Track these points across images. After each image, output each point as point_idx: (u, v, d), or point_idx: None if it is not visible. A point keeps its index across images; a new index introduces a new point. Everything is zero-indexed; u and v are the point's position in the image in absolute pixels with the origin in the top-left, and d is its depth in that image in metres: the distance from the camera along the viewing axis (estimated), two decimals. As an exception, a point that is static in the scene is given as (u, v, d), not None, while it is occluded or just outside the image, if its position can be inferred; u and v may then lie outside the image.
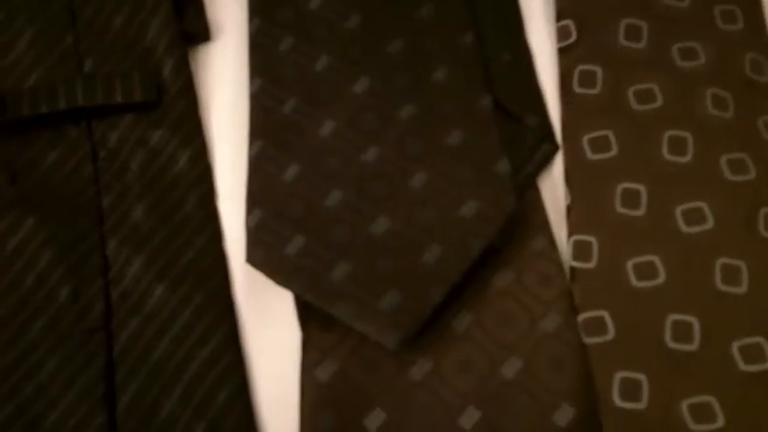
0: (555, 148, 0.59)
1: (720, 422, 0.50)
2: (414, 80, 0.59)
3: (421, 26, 0.61)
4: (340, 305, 0.52)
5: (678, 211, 0.55)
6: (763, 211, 0.55)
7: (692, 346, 0.52)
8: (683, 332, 0.52)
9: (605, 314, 0.53)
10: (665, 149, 0.57)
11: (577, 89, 0.60)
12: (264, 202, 0.56)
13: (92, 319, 0.55)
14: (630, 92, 0.59)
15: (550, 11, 0.65)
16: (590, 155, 0.57)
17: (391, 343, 0.51)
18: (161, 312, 0.55)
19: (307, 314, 0.55)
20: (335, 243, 0.54)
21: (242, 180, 0.60)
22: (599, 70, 0.60)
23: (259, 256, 0.54)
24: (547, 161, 0.59)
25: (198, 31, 0.65)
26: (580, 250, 0.55)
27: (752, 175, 0.56)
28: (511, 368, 0.52)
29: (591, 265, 0.54)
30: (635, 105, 0.58)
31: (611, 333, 0.52)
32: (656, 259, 0.54)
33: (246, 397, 0.54)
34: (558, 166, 0.60)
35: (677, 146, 0.57)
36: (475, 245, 0.53)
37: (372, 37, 0.61)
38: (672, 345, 0.52)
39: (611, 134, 0.58)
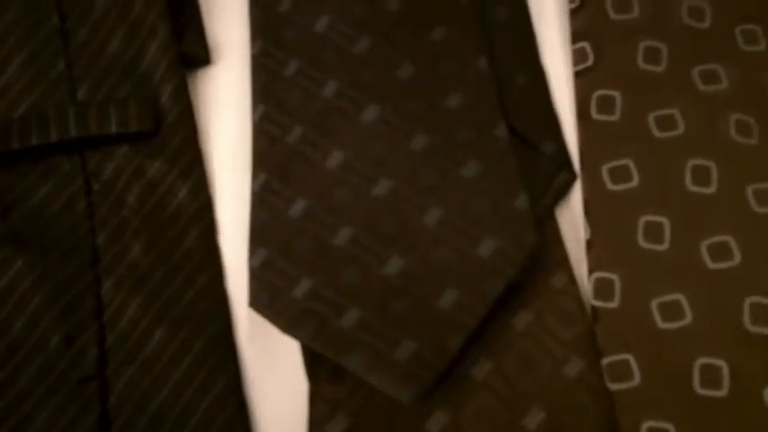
0: (573, 177, 0.57)
1: (755, 475, 0.47)
2: (426, 107, 0.57)
3: (433, 50, 0.59)
4: (351, 355, 0.49)
5: (704, 245, 0.53)
6: (792, 244, 0.52)
7: (722, 392, 0.50)
8: (712, 377, 0.50)
9: (630, 358, 0.51)
10: (688, 179, 0.55)
11: (595, 115, 0.58)
12: (269, 240, 0.53)
13: (85, 367, 0.52)
14: (651, 118, 0.57)
15: (566, 31, 0.62)
16: (610, 185, 0.55)
17: (408, 398, 0.48)
18: (160, 359, 0.52)
19: (315, 364, 0.52)
20: (345, 286, 0.51)
21: (245, 215, 0.57)
22: (618, 95, 0.58)
23: (263, 300, 0.52)
24: (565, 191, 0.57)
25: (198, 54, 0.62)
26: (602, 288, 0.53)
27: (780, 206, 0.53)
28: (533, 419, 0.50)
29: (613, 304, 0.52)
30: (656, 132, 0.57)
31: (636, 378, 0.50)
32: (681, 298, 0.52)
33: None
34: (576, 196, 0.58)
35: (701, 175, 0.55)
36: (493, 287, 0.51)
37: (382, 62, 0.58)
38: (700, 391, 0.50)
39: (631, 163, 0.56)
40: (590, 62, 0.60)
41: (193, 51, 0.62)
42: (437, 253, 0.52)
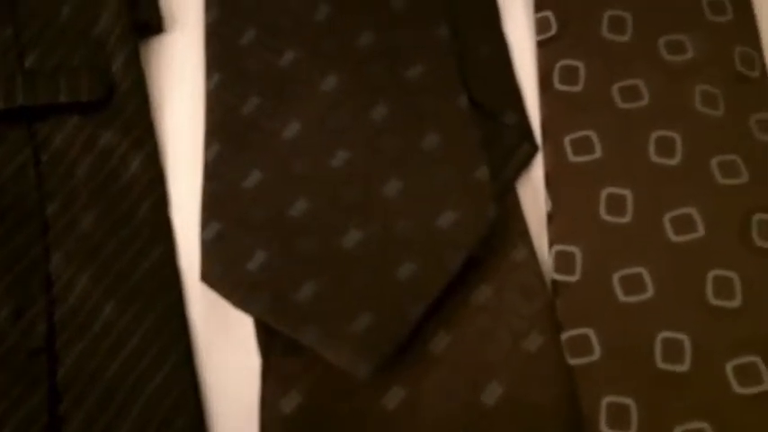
0: (534, 149, 0.57)
1: (716, 451, 0.47)
2: (386, 76, 0.56)
3: (393, 18, 0.58)
4: (306, 329, 0.48)
5: (667, 217, 0.53)
6: (756, 217, 0.52)
7: (684, 367, 0.49)
8: (673, 351, 0.49)
9: (590, 332, 0.50)
10: (652, 151, 0.54)
11: (558, 86, 0.57)
12: (222, 213, 0.52)
13: (34, 340, 0.51)
14: (615, 89, 0.56)
15: (530, 1, 0.61)
16: (572, 157, 0.55)
17: (363, 372, 0.47)
18: (110, 333, 0.51)
19: (268, 339, 0.51)
20: (302, 258, 0.50)
21: (198, 187, 0.55)
22: (581, 65, 0.57)
23: (216, 273, 0.50)
24: (526, 163, 0.57)
25: (151, 22, 0.61)
26: (562, 261, 0.52)
27: (744, 178, 0.54)
28: (492, 394, 0.49)
29: (574, 278, 0.52)
30: (620, 103, 0.56)
31: (596, 353, 0.50)
32: (643, 271, 0.51)
33: (202, 428, 0.50)
34: (537, 168, 0.57)
35: (665, 147, 0.55)
36: (453, 259, 0.50)
37: (342, 29, 0.57)
38: (662, 365, 0.49)
39: (594, 134, 0.55)
40: (553, 31, 0.59)
41: (147, 19, 0.61)
42: (396, 224, 0.51)
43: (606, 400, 0.49)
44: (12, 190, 0.55)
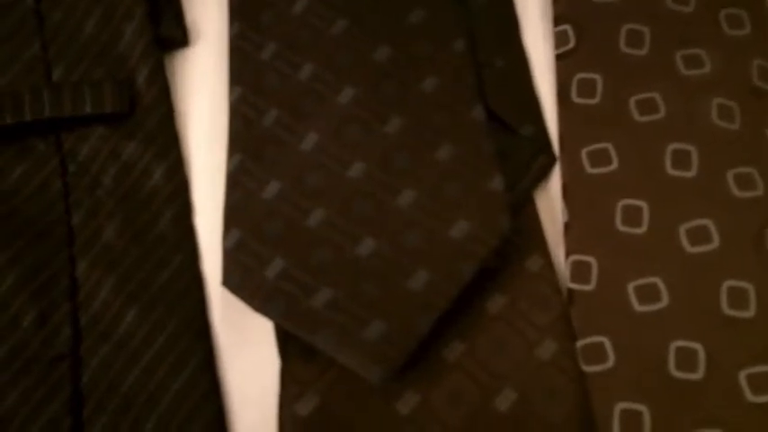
0: (552, 161, 0.57)
1: (727, 459, 0.47)
2: (402, 90, 0.56)
3: (410, 32, 0.58)
4: (321, 334, 0.49)
5: (682, 229, 0.53)
6: (771, 229, 0.52)
7: (697, 375, 0.49)
8: (687, 360, 0.50)
9: (605, 340, 0.50)
10: (668, 163, 0.55)
11: (576, 98, 0.57)
12: (242, 221, 0.53)
13: (58, 346, 0.52)
14: (632, 102, 0.57)
15: (548, 13, 0.62)
16: (589, 168, 0.55)
17: (376, 377, 0.48)
18: (132, 339, 0.52)
19: (286, 343, 0.52)
20: (317, 266, 0.51)
21: (220, 196, 0.57)
22: (599, 78, 0.57)
23: (235, 279, 0.51)
24: (543, 175, 0.57)
25: (175, 36, 0.62)
26: (578, 271, 0.53)
27: (760, 190, 0.54)
28: (505, 400, 0.49)
29: (590, 287, 0.52)
30: (636, 116, 0.56)
31: (611, 361, 0.50)
32: (658, 281, 0.52)
33: (222, 431, 0.50)
34: (555, 179, 0.57)
35: (681, 159, 0.55)
36: (465, 269, 0.50)
37: (359, 44, 0.58)
38: (675, 373, 0.49)
39: (611, 147, 0.55)
40: (571, 45, 0.59)
41: (171, 33, 0.62)
42: (410, 235, 0.52)
43: (620, 406, 0.49)
44: (38, 199, 0.56)
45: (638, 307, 0.51)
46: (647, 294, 0.52)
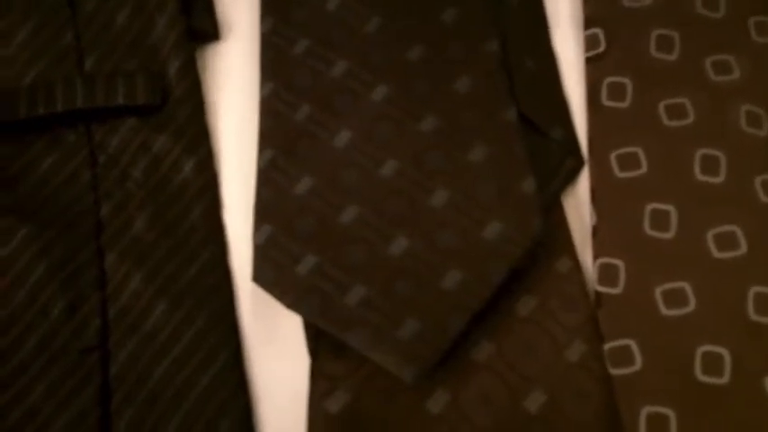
0: (580, 164, 0.57)
1: (754, 464, 0.47)
2: (435, 89, 0.56)
3: (443, 31, 0.58)
4: (355, 332, 0.49)
5: (710, 234, 0.53)
6: (799, 236, 0.52)
7: (723, 380, 0.49)
8: (713, 364, 0.50)
9: (632, 343, 0.51)
10: (696, 169, 0.55)
11: (606, 102, 0.57)
12: (274, 217, 0.53)
13: (87, 338, 0.52)
14: (661, 106, 0.57)
15: (578, 16, 0.62)
16: (618, 172, 0.55)
17: (409, 376, 0.48)
18: (161, 332, 0.52)
19: (317, 340, 0.52)
20: (350, 264, 0.51)
21: (251, 191, 0.57)
22: (629, 83, 0.58)
23: (267, 275, 0.51)
24: (572, 177, 0.57)
25: (206, 30, 0.62)
26: (606, 274, 0.53)
27: (788, 197, 0.53)
28: (534, 402, 0.49)
29: (617, 290, 0.52)
30: (666, 121, 0.56)
31: (638, 364, 0.50)
32: (686, 286, 0.52)
33: (250, 428, 0.51)
34: (583, 182, 0.57)
35: (709, 165, 0.55)
36: (498, 270, 0.50)
37: (392, 42, 0.58)
38: (702, 378, 0.49)
39: (640, 151, 0.55)
40: (602, 48, 0.59)
41: (203, 26, 0.62)
42: (442, 234, 0.52)
43: (646, 410, 0.49)
44: (68, 190, 0.56)
45: (665, 311, 0.51)
46: (675, 298, 0.52)
